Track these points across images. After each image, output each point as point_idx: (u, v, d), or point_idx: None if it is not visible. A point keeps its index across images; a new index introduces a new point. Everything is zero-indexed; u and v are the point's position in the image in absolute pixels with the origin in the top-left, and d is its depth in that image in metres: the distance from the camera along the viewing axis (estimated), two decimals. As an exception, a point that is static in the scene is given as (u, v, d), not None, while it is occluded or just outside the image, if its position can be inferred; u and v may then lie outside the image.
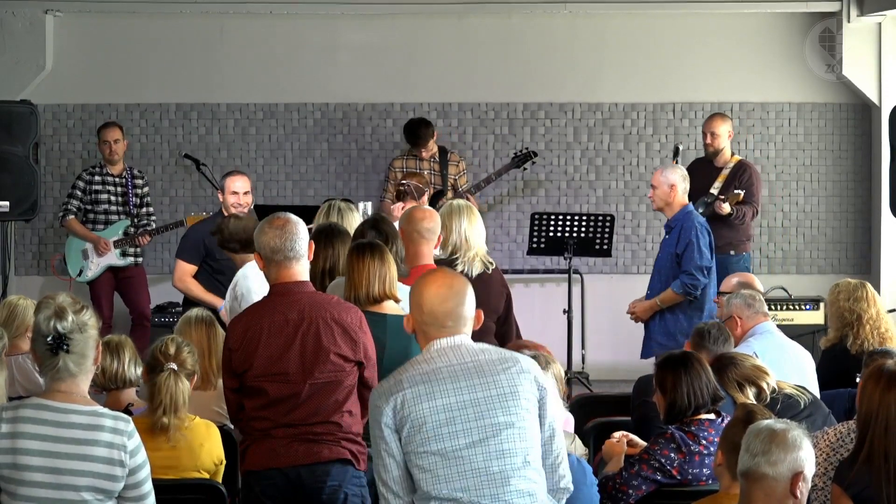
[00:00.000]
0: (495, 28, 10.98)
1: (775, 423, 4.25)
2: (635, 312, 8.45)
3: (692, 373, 5.35)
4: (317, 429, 5.05)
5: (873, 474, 4.53)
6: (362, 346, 5.14)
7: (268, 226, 5.18)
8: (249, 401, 5.12)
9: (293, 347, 5.05)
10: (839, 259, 11.06)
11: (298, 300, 5.11)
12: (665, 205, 8.39)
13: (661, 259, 8.48)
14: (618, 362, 10.19)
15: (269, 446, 5.06)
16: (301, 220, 5.26)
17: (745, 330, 6.88)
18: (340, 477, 5.06)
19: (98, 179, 10.14)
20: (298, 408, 5.05)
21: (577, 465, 4.92)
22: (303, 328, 5.06)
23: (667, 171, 8.43)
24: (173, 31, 10.93)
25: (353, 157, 11.04)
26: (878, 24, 10.69)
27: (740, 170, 9.68)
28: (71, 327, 4.07)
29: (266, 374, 5.05)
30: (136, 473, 4.13)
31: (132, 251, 10.14)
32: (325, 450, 5.05)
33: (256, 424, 5.10)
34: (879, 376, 4.63)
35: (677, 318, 8.30)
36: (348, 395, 5.12)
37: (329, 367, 5.06)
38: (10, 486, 4.04)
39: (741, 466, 4.21)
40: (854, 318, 6.99)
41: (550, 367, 5.39)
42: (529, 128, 11.03)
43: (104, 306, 10.00)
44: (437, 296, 4.19)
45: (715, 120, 9.85)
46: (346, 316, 5.13)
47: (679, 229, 8.31)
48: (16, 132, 9.76)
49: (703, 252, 8.25)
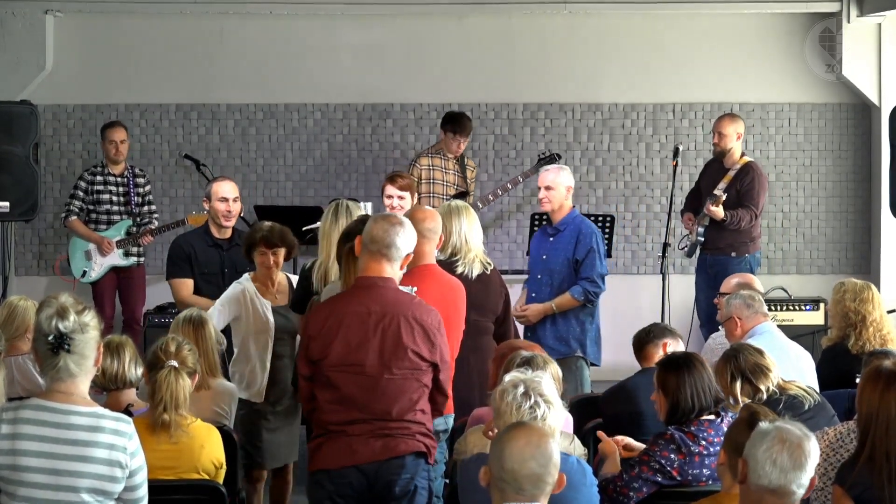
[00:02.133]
0: (495, 28, 10.98)
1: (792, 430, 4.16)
2: (525, 315, 8.15)
3: (695, 374, 5.33)
4: (392, 425, 5.11)
5: (875, 475, 4.53)
6: (439, 349, 5.20)
7: (382, 218, 5.30)
8: (322, 393, 5.17)
9: (372, 340, 5.11)
10: (839, 259, 11.06)
11: (382, 295, 5.17)
12: (556, 207, 8.15)
13: (549, 262, 8.15)
14: (617, 362, 10.14)
15: (346, 443, 5.11)
16: (414, 230, 5.35)
17: (745, 330, 6.88)
18: (413, 469, 5.14)
19: (100, 179, 10.14)
20: (374, 402, 5.10)
21: (577, 466, 4.92)
22: (384, 322, 5.12)
23: (563, 173, 8.17)
24: (173, 32, 10.93)
25: (353, 157, 11.04)
26: (878, 24, 10.69)
27: (744, 172, 9.57)
28: (72, 327, 4.07)
29: (342, 364, 5.11)
30: (133, 476, 4.13)
31: (135, 251, 10.14)
32: (401, 444, 5.13)
33: (332, 417, 5.14)
34: (878, 377, 4.63)
35: (570, 323, 8.07)
36: (423, 395, 5.19)
37: (406, 364, 5.12)
38: (9, 487, 4.04)
39: (766, 482, 4.11)
40: (858, 319, 7.00)
41: (547, 368, 5.39)
42: (529, 128, 11.03)
43: (107, 307, 10.01)
44: (520, 454, 4.00)
45: (723, 120, 9.72)
46: (426, 317, 5.19)
47: (576, 234, 8.06)
48: (16, 132, 9.76)
49: (603, 260, 8.11)
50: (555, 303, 8.07)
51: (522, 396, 4.79)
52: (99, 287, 10.11)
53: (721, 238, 9.49)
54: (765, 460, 4.11)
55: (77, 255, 10.16)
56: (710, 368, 5.49)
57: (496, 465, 4.04)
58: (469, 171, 10.50)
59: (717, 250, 9.53)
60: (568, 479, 4.61)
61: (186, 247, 8.00)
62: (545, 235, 8.26)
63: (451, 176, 10.33)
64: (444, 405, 5.39)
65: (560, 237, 8.13)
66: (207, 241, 8.02)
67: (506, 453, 4.02)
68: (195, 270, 7.94)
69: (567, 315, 8.09)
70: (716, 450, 5.25)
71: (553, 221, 8.20)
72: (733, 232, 9.47)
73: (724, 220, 9.37)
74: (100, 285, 10.11)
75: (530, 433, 4.09)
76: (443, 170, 10.33)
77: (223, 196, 8.00)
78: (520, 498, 4.01)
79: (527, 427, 4.16)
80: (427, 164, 10.34)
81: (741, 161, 9.64)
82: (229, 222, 8.03)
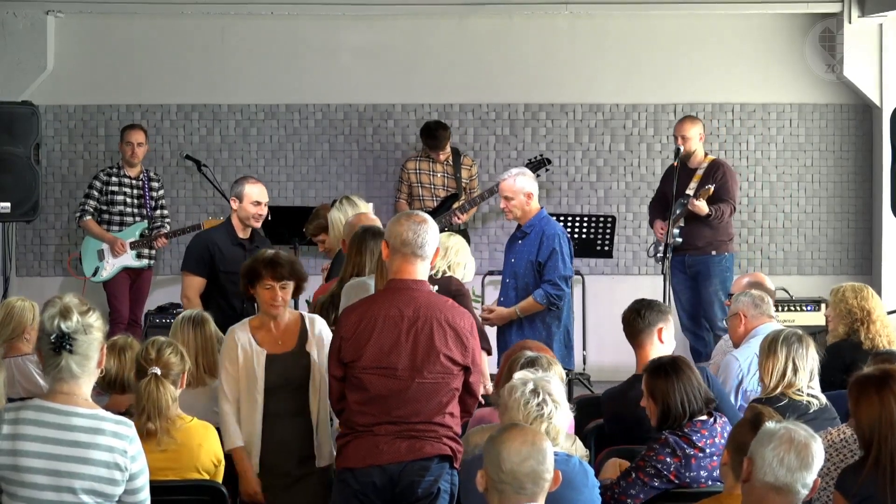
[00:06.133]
0: (496, 29, 10.98)
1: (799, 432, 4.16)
2: (490, 318, 8.09)
3: (683, 379, 5.32)
4: (419, 426, 5.10)
5: (879, 479, 4.50)
6: (471, 352, 5.18)
7: (405, 217, 5.24)
8: (352, 394, 5.16)
9: (405, 343, 5.10)
10: (840, 260, 11.06)
11: (415, 297, 5.16)
12: (521, 214, 8.09)
13: (515, 265, 8.11)
14: (619, 363, 10.13)
15: (372, 443, 5.11)
16: (436, 225, 5.32)
17: (749, 329, 6.87)
18: (438, 472, 5.12)
19: (115, 181, 10.11)
20: (403, 405, 5.10)
21: (579, 467, 4.92)
22: (417, 326, 5.11)
23: (519, 180, 8.07)
24: (174, 32, 10.92)
25: (354, 157, 11.04)
26: (879, 24, 10.69)
27: (714, 168, 9.56)
28: (75, 327, 4.07)
29: (374, 367, 5.11)
30: (134, 480, 4.12)
31: (147, 253, 10.13)
32: (427, 446, 5.11)
33: (359, 419, 5.14)
34: (867, 384, 4.61)
35: (535, 327, 7.99)
36: (452, 398, 5.17)
37: (438, 369, 5.11)
38: (10, 488, 4.04)
39: (772, 478, 4.12)
40: (864, 315, 7.01)
41: (553, 369, 5.39)
42: (530, 129, 11.03)
43: (122, 307, 9.98)
44: (518, 453, 4.03)
45: (684, 124, 9.72)
46: (459, 320, 5.17)
47: (540, 235, 8.01)
48: (17, 133, 9.76)
49: (567, 261, 8.01)
50: (518, 308, 8.03)
51: (531, 393, 4.82)
52: (111, 287, 10.07)
53: (700, 237, 9.47)
54: (772, 458, 4.11)
55: (89, 254, 10.14)
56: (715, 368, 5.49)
57: (494, 468, 4.04)
58: (465, 169, 10.52)
59: (696, 250, 9.51)
60: (570, 479, 4.62)
61: (211, 246, 7.92)
62: (514, 238, 8.25)
63: (440, 178, 10.41)
64: (474, 406, 5.38)
65: (526, 240, 8.10)
66: (232, 239, 7.99)
67: (503, 454, 4.03)
68: (218, 268, 7.87)
69: (533, 319, 8.03)
70: (711, 451, 5.25)
71: (521, 224, 8.18)
72: (712, 230, 9.46)
73: (710, 214, 9.36)
74: (112, 285, 10.07)
75: (524, 432, 4.12)
76: (430, 173, 10.39)
77: (257, 200, 7.98)
78: (521, 498, 4.02)
79: (520, 427, 4.21)
80: (414, 167, 10.51)
81: (706, 160, 9.66)
82: (258, 224, 8.06)
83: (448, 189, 10.40)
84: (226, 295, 7.81)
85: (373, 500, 5.13)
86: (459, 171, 10.47)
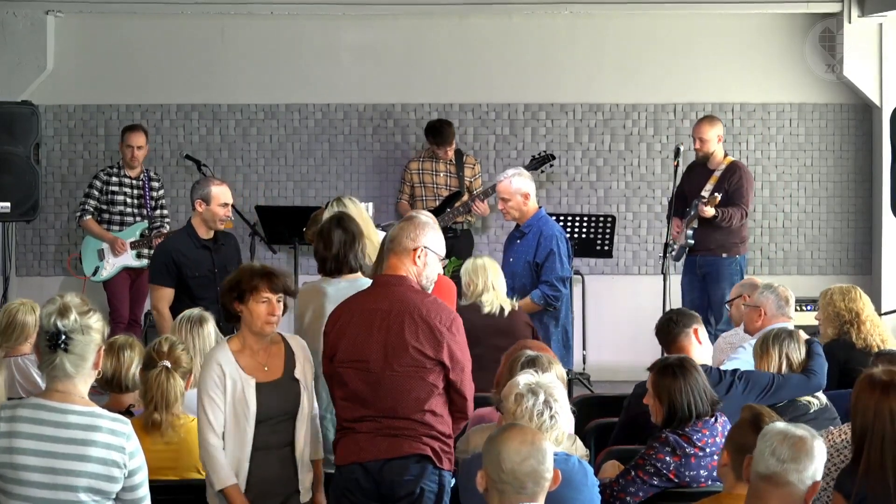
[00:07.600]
0: (496, 29, 10.98)
1: (798, 429, 4.19)
2: None
3: (690, 380, 5.32)
4: (398, 423, 5.09)
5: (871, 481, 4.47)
6: (447, 348, 5.12)
7: (406, 219, 5.36)
8: (336, 390, 5.22)
9: (376, 336, 5.12)
10: (840, 260, 11.06)
11: (393, 292, 5.18)
12: (519, 214, 8.10)
13: (513, 265, 8.08)
14: (619, 363, 10.18)
15: (354, 441, 5.13)
16: (440, 230, 5.41)
17: (765, 325, 6.85)
18: (418, 472, 5.10)
19: (115, 181, 10.10)
20: (379, 400, 5.10)
21: (579, 467, 4.92)
22: (389, 319, 5.12)
23: (515, 181, 8.08)
24: (174, 32, 10.92)
25: (354, 157, 11.04)
26: (878, 24, 10.69)
27: (730, 171, 9.57)
28: (72, 327, 4.05)
29: (350, 361, 5.14)
30: (132, 476, 4.11)
31: (147, 253, 10.11)
32: (405, 444, 5.09)
33: (344, 414, 5.19)
34: (873, 385, 4.58)
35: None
36: (431, 394, 5.12)
37: (407, 361, 5.09)
38: (7, 486, 4.03)
39: (763, 468, 4.15)
40: (853, 316, 7.00)
41: (552, 369, 5.38)
42: (530, 128, 11.03)
43: (122, 307, 9.98)
44: (518, 453, 4.05)
45: (702, 125, 9.71)
46: (434, 315, 5.14)
47: (538, 236, 8.02)
48: (17, 133, 9.77)
49: (564, 262, 8.01)
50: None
51: (543, 405, 4.81)
52: (111, 287, 10.05)
53: (712, 239, 9.47)
54: (764, 449, 4.16)
55: (89, 254, 10.13)
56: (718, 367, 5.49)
57: (494, 468, 4.04)
58: (468, 168, 10.52)
59: (707, 251, 9.50)
60: (570, 479, 4.62)
61: (175, 254, 7.66)
62: (513, 238, 8.27)
63: (443, 178, 10.40)
64: (465, 407, 5.24)
65: (524, 240, 8.11)
66: (196, 243, 7.77)
67: (503, 455, 4.03)
68: (187, 275, 7.64)
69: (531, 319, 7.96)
70: (711, 450, 5.25)
71: (520, 224, 8.19)
72: (724, 233, 9.45)
73: (716, 216, 9.35)
74: (112, 285, 10.05)
75: (524, 432, 4.13)
76: (433, 173, 10.39)
77: (225, 201, 7.79)
78: (521, 498, 4.02)
79: (518, 427, 4.21)
80: (417, 168, 10.52)
81: (725, 161, 9.66)
82: (223, 226, 7.89)
83: (451, 188, 10.40)
84: (196, 301, 7.31)
85: (359, 498, 5.12)
86: (462, 171, 10.47)
